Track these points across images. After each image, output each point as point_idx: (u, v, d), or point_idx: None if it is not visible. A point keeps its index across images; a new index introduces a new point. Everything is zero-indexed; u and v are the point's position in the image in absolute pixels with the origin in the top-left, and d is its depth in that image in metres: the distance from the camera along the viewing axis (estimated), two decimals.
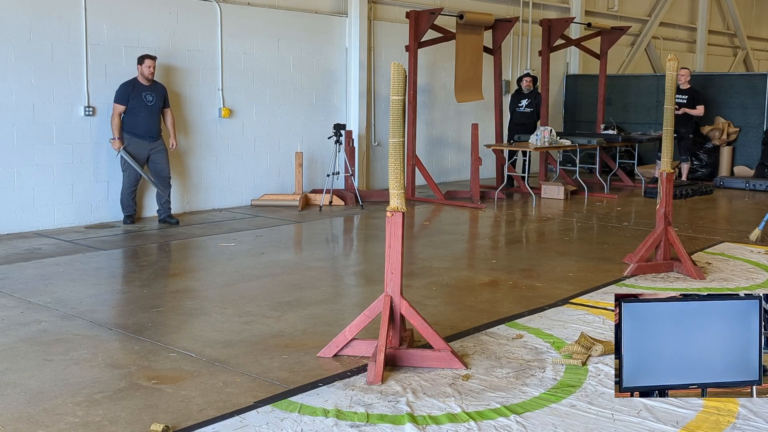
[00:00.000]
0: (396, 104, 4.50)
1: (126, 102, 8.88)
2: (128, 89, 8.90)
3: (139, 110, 8.93)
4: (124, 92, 8.89)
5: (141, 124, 8.95)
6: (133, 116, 8.93)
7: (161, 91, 9.16)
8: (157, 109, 9.08)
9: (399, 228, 4.54)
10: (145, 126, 8.98)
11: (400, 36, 11.94)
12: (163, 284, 6.51)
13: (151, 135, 9.05)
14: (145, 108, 8.95)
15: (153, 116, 9.05)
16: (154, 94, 9.02)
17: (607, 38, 14.01)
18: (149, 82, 8.99)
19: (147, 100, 8.95)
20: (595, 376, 4.45)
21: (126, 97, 8.89)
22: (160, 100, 9.10)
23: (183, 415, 3.90)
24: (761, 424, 3.86)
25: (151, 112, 9.01)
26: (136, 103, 8.91)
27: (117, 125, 8.89)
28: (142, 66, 8.92)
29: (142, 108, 8.93)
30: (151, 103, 8.98)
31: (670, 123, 6.98)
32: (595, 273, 7.01)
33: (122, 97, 8.89)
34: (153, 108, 9.03)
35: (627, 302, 3.59)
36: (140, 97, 8.92)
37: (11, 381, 4.33)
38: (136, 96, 8.91)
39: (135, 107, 8.91)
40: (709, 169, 13.92)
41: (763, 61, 23.07)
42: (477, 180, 11.22)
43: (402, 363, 4.59)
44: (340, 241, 9.22)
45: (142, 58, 8.94)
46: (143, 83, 8.96)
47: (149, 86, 8.99)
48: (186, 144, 9.92)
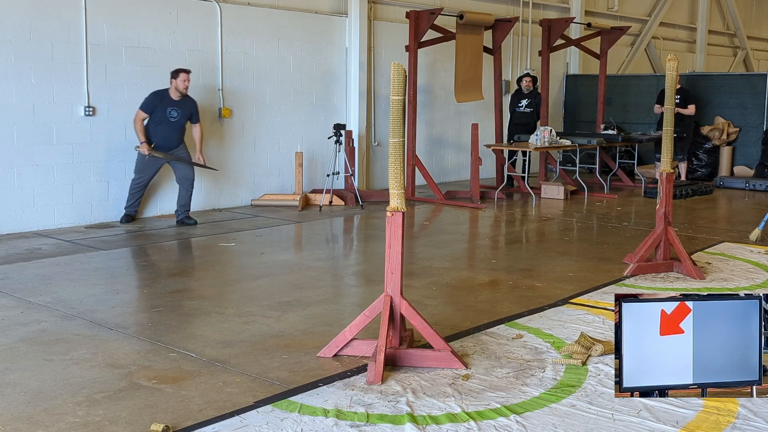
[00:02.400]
0: (396, 104, 4.51)
1: (150, 112, 8.87)
2: (156, 100, 8.88)
3: (161, 123, 8.91)
4: (151, 102, 8.88)
5: (159, 136, 8.94)
6: (153, 127, 8.92)
7: (189, 107, 9.09)
8: (179, 125, 9.04)
9: (399, 228, 4.54)
10: (162, 139, 8.95)
11: (400, 36, 11.94)
12: (163, 284, 6.51)
13: (168, 147, 9.02)
14: (167, 123, 8.92)
15: (173, 131, 9.02)
16: (180, 111, 8.97)
17: (607, 38, 14.01)
18: (180, 97, 8.96)
19: (171, 116, 8.92)
20: (595, 376, 4.45)
21: (152, 107, 8.87)
22: (184, 117, 9.05)
23: (183, 415, 3.90)
24: (761, 424, 3.86)
25: (172, 127, 8.98)
26: (159, 116, 8.89)
27: (141, 130, 8.86)
28: (177, 80, 8.88)
29: (164, 122, 8.91)
30: (174, 119, 8.95)
31: (670, 123, 6.99)
32: (595, 273, 7.01)
33: (148, 106, 8.87)
34: (175, 124, 8.99)
35: (627, 302, 3.59)
36: (165, 111, 8.89)
37: (11, 381, 4.33)
38: (161, 109, 8.89)
39: (157, 120, 8.90)
40: (709, 169, 13.92)
41: (763, 61, 23.07)
42: (477, 180, 11.22)
43: (402, 363, 4.59)
44: (340, 241, 9.22)
45: (176, 72, 8.92)
46: (173, 97, 8.93)
47: (178, 101, 8.95)
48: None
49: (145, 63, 9.42)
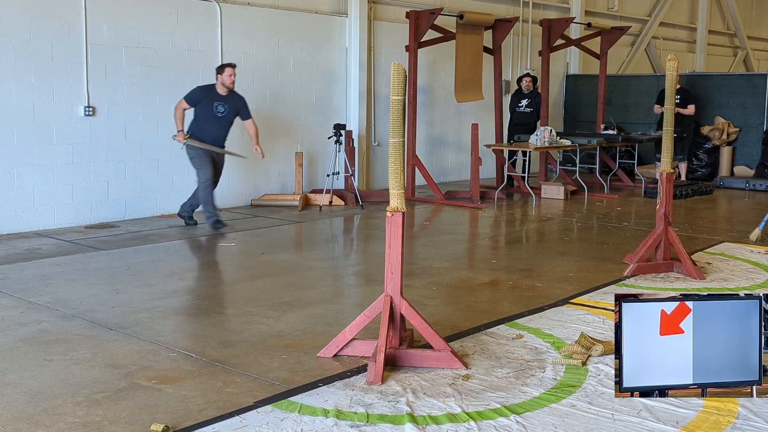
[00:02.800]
0: (396, 104, 4.51)
1: (194, 104, 8.58)
2: (202, 94, 8.60)
3: (207, 119, 8.60)
4: (196, 95, 8.60)
5: (207, 132, 8.63)
6: (199, 124, 8.63)
7: (237, 103, 8.76)
8: (226, 121, 8.73)
9: (399, 228, 4.54)
10: (209, 136, 8.65)
11: (400, 36, 11.94)
12: (163, 284, 6.50)
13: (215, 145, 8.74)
14: (214, 118, 8.61)
15: (221, 127, 8.71)
16: (227, 106, 8.66)
17: (607, 38, 14.01)
18: (227, 92, 8.66)
19: (218, 110, 8.60)
20: (595, 376, 4.45)
21: (196, 100, 8.57)
22: (232, 113, 8.73)
23: (183, 415, 3.90)
24: (761, 424, 3.86)
25: (219, 123, 8.67)
26: (205, 111, 8.59)
27: (180, 118, 8.52)
28: (223, 75, 8.59)
29: (211, 118, 8.60)
30: (221, 114, 8.63)
31: (670, 123, 6.99)
32: (595, 273, 7.01)
33: (192, 98, 8.58)
34: (222, 120, 8.68)
35: (627, 302, 3.59)
36: (211, 105, 8.57)
37: (11, 381, 4.33)
38: (207, 104, 8.57)
39: (203, 115, 8.60)
40: (709, 169, 13.92)
41: (763, 61, 23.07)
42: (477, 180, 11.22)
43: (402, 363, 4.58)
44: (340, 241, 9.22)
45: (222, 67, 8.65)
46: (220, 92, 8.63)
47: (225, 96, 8.65)
48: None
49: (145, 63, 9.42)
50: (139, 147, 9.47)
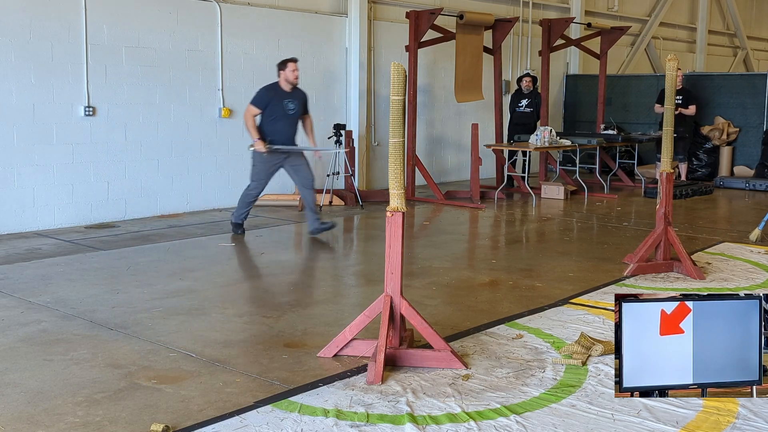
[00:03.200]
0: (396, 104, 4.51)
1: (264, 107, 8.24)
2: (269, 94, 8.27)
3: (279, 118, 8.28)
4: (264, 96, 8.26)
5: (280, 132, 8.29)
6: (271, 124, 8.29)
7: (302, 97, 8.46)
8: (296, 117, 8.42)
9: (399, 228, 4.54)
10: (284, 135, 8.31)
11: (400, 36, 11.94)
12: (163, 284, 6.50)
13: (288, 145, 8.41)
14: (286, 117, 8.30)
15: (292, 126, 8.40)
16: (296, 102, 8.34)
17: (607, 38, 14.01)
18: (292, 88, 8.33)
19: (288, 108, 8.28)
20: (595, 376, 4.45)
21: (265, 101, 8.24)
22: (301, 108, 8.41)
23: (183, 415, 3.90)
24: (761, 424, 3.86)
25: (291, 121, 8.37)
26: (276, 111, 8.25)
27: (254, 126, 8.22)
28: (286, 71, 8.24)
29: (282, 116, 8.28)
30: (292, 111, 8.31)
31: (670, 123, 6.98)
32: (595, 273, 7.01)
33: (261, 100, 8.24)
34: (293, 117, 8.37)
35: (627, 302, 3.59)
36: (281, 104, 8.25)
37: (11, 381, 4.33)
38: (276, 103, 8.24)
39: (275, 114, 8.26)
40: (709, 169, 13.92)
41: (763, 61, 23.07)
42: (477, 180, 11.22)
43: (402, 363, 4.59)
44: (340, 241, 9.21)
45: (284, 63, 8.31)
46: (285, 89, 8.29)
47: (291, 93, 8.33)
48: (186, 144, 9.92)
49: (145, 63, 9.42)
50: (139, 147, 9.47)
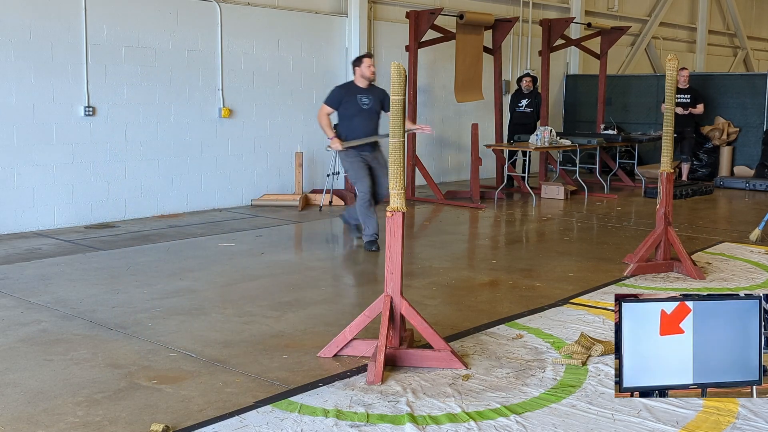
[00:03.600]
0: (396, 104, 4.51)
1: (337, 105, 7.86)
2: (342, 92, 7.92)
3: (354, 115, 7.86)
4: (337, 94, 7.91)
5: (357, 130, 7.87)
6: (346, 122, 7.93)
7: (380, 93, 7.93)
8: (373, 113, 7.93)
9: (399, 228, 4.54)
10: (361, 132, 7.87)
11: (400, 36, 11.93)
12: (163, 284, 6.50)
13: (370, 143, 7.96)
14: (360, 112, 7.85)
15: (369, 122, 7.92)
16: (372, 97, 7.89)
17: (607, 38, 14.01)
18: (368, 85, 7.91)
19: (363, 103, 7.85)
20: (595, 376, 4.45)
21: (338, 100, 7.86)
22: (377, 104, 7.91)
23: (183, 415, 3.90)
24: (761, 424, 3.86)
25: (367, 116, 7.89)
26: (351, 108, 7.85)
27: (328, 124, 7.85)
28: (361, 67, 7.84)
29: (358, 113, 7.86)
30: (366, 106, 7.85)
31: (670, 123, 6.98)
32: (595, 273, 7.01)
33: (334, 99, 7.88)
34: (369, 112, 7.89)
35: (627, 302, 3.59)
36: (354, 99, 7.84)
37: (11, 381, 4.33)
38: (350, 99, 7.85)
39: (350, 112, 7.87)
40: (709, 169, 13.92)
41: (763, 61, 23.07)
42: (477, 180, 11.22)
43: (402, 363, 4.58)
44: (340, 241, 9.21)
45: (359, 60, 7.92)
46: (360, 86, 7.90)
47: (366, 89, 7.90)
48: (186, 144, 9.92)
49: (145, 63, 9.42)
50: (139, 147, 9.48)
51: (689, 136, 12.64)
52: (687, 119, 12.47)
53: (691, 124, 12.68)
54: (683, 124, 12.37)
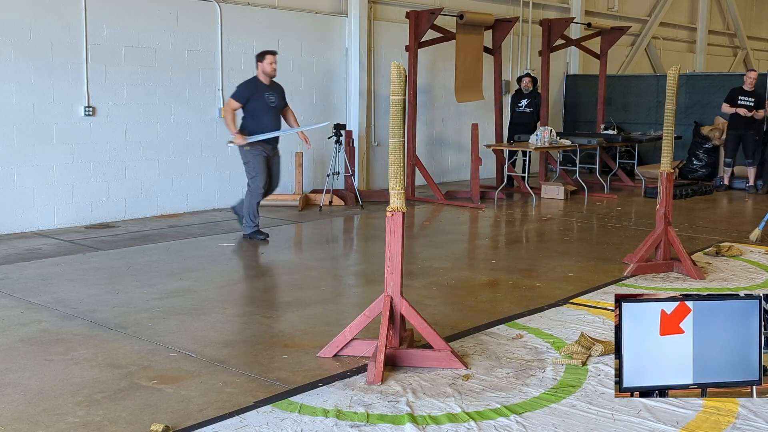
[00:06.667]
0: (396, 104, 4.51)
1: (245, 101, 8.08)
2: (249, 88, 8.11)
3: (263, 112, 8.11)
4: (245, 90, 8.11)
5: (263, 127, 8.10)
6: (256, 119, 8.12)
7: (281, 90, 8.34)
8: (278, 110, 8.27)
9: (399, 228, 4.54)
10: (270, 129, 8.14)
11: (400, 36, 11.93)
12: (163, 284, 6.50)
13: (274, 139, 8.26)
14: (268, 109, 8.13)
15: (275, 118, 8.23)
16: (276, 94, 8.22)
17: (607, 38, 14.01)
18: (270, 81, 8.19)
19: (270, 100, 8.13)
20: (595, 376, 4.45)
21: (246, 96, 8.07)
22: (281, 101, 8.29)
23: (183, 415, 3.90)
24: (761, 424, 3.86)
25: (273, 113, 8.21)
26: (258, 105, 8.08)
27: (233, 120, 8.04)
28: (263, 62, 8.07)
29: (266, 110, 8.11)
30: (273, 104, 8.17)
31: (670, 123, 6.96)
32: (595, 273, 7.01)
33: (241, 95, 8.08)
34: (275, 110, 8.22)
35: (627, 302, 3.59)
36: (262, 97, 8.09)
37: (11, 381, 4.33)
38: (257, 97, 8.08)
39: (258, 109, 8.10)
40: (709, 169, 13.90)
41: (763, 61, 23.06)
42: (477, 180, 11.22)
43: (402, 363, 4.59)
44: (340, 241, 9.22)
45: (261, 55, 8.13)
46: (264, 82, 8.15)
47: (270, 85, 8.20)
48: (186, 144, 9.92)
49: (145, 63, 9.42)
50: (139, 147, 9.48)
51: (752, 139, 12.46)
52: (749, 122, 12.34)
53: (753, 127, 12.48)
54: (746, 126, 12.30)
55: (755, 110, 12.29)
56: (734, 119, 12.41)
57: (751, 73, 12.42)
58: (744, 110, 12.19)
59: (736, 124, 12.40)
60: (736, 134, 12.49)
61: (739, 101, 12.31)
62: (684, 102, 14.03)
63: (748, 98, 12.30)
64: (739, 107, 12.27)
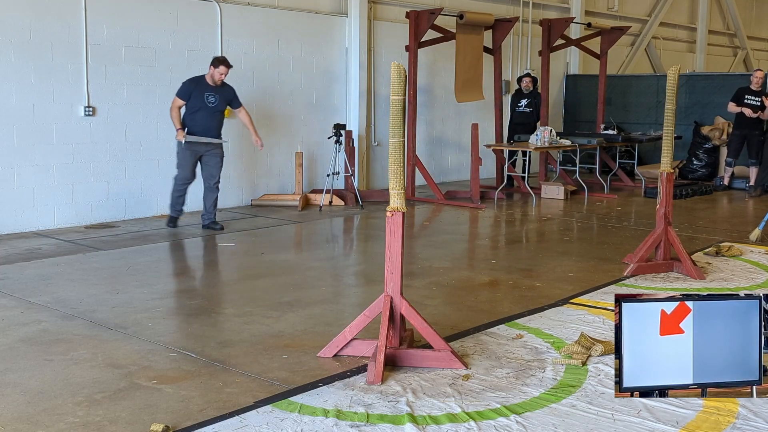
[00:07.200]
0: (396, 104, 4.51)
1: (187, 98, 8.59)
2: (192, 86, 8.62)
3: (199, 109, 8.62)
4: (187, 88, 8.61)
5: (198, 123, 8.64)
6: (191, 115, 8.65)
7: (227, 93, 8.83)
8: (218, 111, 8.76)
9: (399, 228, 4.54)
10: (201, 126, 8.64)
11: (400, 36, 11.93)
12: (163, 284, 6.50)
13: (208, 137, 8.73)
14: (206, 108, 8.63)
15: (212, 118, 8.72)
16: (218, 96, 8.69)
17: (607, 38, 14.01)
18: (216, 85, 8.72)
19: (209, 101, 8.63)
20: (595, 376, 4.45)
21: (188, 93, 8.59)
22: (223, 103, 8.78)
23: (183, 415, 3.90)
24: (761, 424, 3.86)
25: (210, 113, 8.68)
26: (196, 102, 8.60)
27: (177, 117, 8.60)
28: (216, 70, 8.61)
29: (203, 108, 8.62)
30: (212, 104, 8.65)
31: (670, 123, 6.96)
32: (595, 273, 7.01)
33: (184, 92, 8.60)
34: (214, 109, 8.70)
35: (627, 302, 3.59)
36: (202, 96, 8.60)
37: (11, 381, 4.33)
38: (198, 95, 8.60)
39: (195, 106, 8.61)
40: (709, 169, 13.90)
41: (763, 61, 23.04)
42: (477, 180, 11.22)
43: (402, 363, 4.59)
44: (340, 241, 9.22)
45: (217, 62, 8.63)
46: (209, 83, 8.67)
47: (215, 87, 8.70)
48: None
49: (145, 63, 9.42)
50: (139, 147, 9.48)
51: (756, 139, 12.43)
52: (755, 122, 12.31)
53: (758, 127, 12.44)
54: (751, 126, 12.28)
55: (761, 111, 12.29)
56: (740, 119, 12.40)
57: (757, 73, 12.42)
58: (749, 110, 12.17)
59: (742, 124, 12.39)
60: (741, 134, 12.48)
61: (746, 101, 12.30)
62: (684, 102, 14.02)
63: (755, 98, 12.30)
64: (745, 107, 12.25)
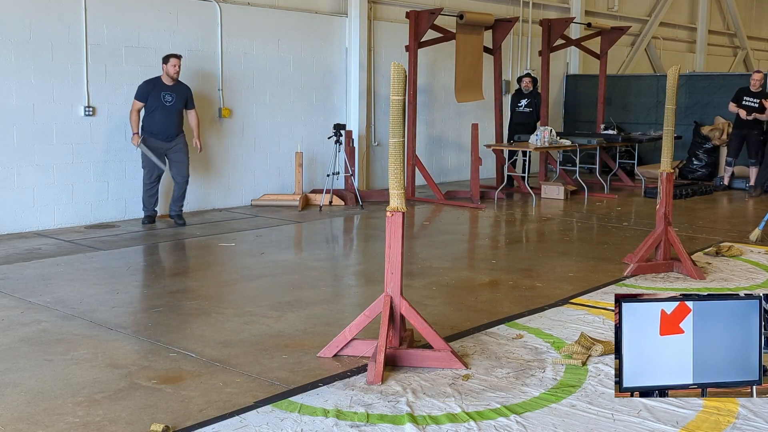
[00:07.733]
0: (396, 104, 4.51)
1: (144, 99, 8.82)
2: (148, 87, 8.84)
3: (156, 109, 8.84)
4: (144, 90, 8.84)
5: (156, 123, 8.86)
6: (149, 115, 8.88)
7: (183, 92, 9.05)
8: (175, 110, 8.97)
9: (399, 228, 4.54)
10: (160, 125, 8.87)
11: (400, 36, 11.93)
12: (163, 284, 6.50)
13: (167, 135, 8.94)
14: (162, 108, 8.85)
15: (170, 117, 8.93)
16: (174, 95, 8.91)
17: (607, 38, 14.01)
18: (173, 82, 8.91)
19: (165, 100, 8.85)
20: (595, 376, 4.45)
21: (145, 94, 8.82)
22: (180, 102, 8.99)
23: (183, 415, 3.90)
24: (761, 424, 3.86)
25: (168, 112, 8.90)
26: (153, 102, 8.82)
27: (135, 121, 8.84)
28: (167, 65, 8.86)
29: (160, 107, 8.84)
30: (169, 103, 8.87)
31: (670, 123, 6.96)
32: (595, 273, 7.01)
33: (141, 94, 8.84)
34: (171, 109, 8.91)
35: (627, 302, 3.59)
36: (159, 96, 8.82)
37: (11, 381, 4.33)
38: (155, 95, 8.82)
39: (152, 106, 8.84)
40: (709, 169, 13.90)
41: (763, 61, 23.05)
42: (477, 180, 11.22)
43: (402, 363, 4.59)
44: (340, 241, 9.22)
45: (167, 57, 8.90)
46: (166, 82, 8.89)
47: (171, 86, 8.91)
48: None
49: (145, 63, 9.41)
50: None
51: (756, 139, 12.44)
52: (755, 122, 12.30)
53: (757, 127, 12.45)
54: (750, 126, 12.30)
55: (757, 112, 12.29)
56: (740, 119, 12.43)
57: (756, 75, 12.44)
58: (743, 112, 12.19)
59: (741, 124, 12.42)
60: (740, 134, 12.50)
61: (744, 101, 12.32)
62: (684, 102, 14.02)
63: (753, 99, 12.32)
64: (743, 108, 12.28)
